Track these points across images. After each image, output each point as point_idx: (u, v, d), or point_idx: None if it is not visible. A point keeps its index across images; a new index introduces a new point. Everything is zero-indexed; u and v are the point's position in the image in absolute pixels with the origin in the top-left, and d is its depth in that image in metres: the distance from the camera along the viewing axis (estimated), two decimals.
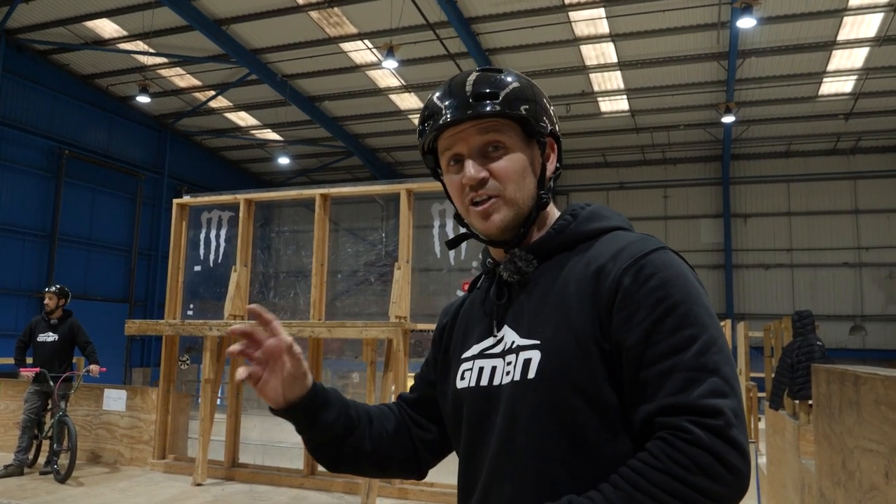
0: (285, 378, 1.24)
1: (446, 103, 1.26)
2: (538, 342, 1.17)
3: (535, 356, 1.16)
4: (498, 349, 1.25)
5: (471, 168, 1.25)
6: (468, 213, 1.28)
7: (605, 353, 1.12)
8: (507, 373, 1.20)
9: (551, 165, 1.31)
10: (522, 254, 1.26)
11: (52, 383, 7.68)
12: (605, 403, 1.11)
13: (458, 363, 1.34)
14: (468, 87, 1.26)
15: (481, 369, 1.26)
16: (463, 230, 1.36)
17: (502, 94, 1.25)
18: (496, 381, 1.22)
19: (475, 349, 1.30)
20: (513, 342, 1.22)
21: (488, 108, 1.23)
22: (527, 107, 1.26)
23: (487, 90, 1.25)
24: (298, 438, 1.38)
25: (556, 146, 1.32)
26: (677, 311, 1.09)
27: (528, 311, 1.22)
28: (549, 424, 1.13)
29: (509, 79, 1.28)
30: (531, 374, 1.15)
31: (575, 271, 1.20)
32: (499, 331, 1.26)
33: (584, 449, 1.11)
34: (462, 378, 1.30)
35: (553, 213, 1.33)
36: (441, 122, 1.26)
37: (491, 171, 1.24)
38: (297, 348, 1.25)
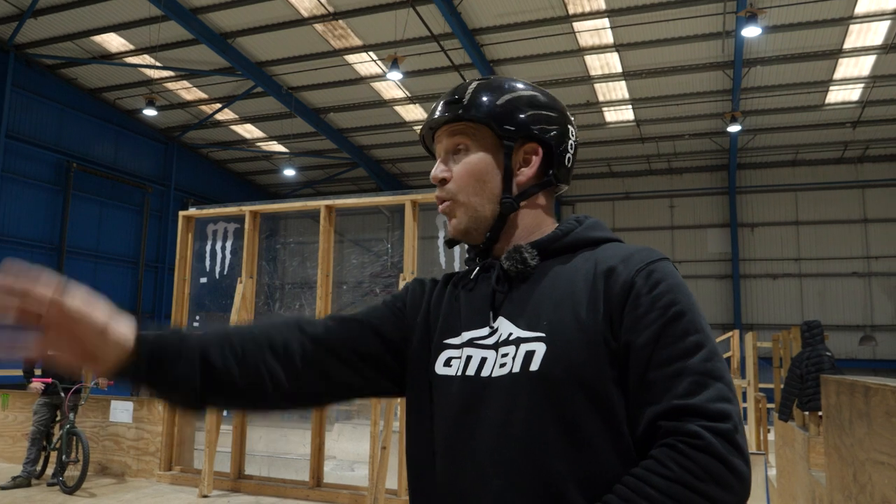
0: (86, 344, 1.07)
1: (433, 107, 1.35)
2: (543, 334, 1.15)
3: (540, 348, 1.14)
4: (490, 340, 1.21)
5: (436, 167, 1.32)
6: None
7: (612, 353, 1.12)
8: (502, 365, 1.16)
9: (529, 170, 1.29)
10: (527, 247, 1.25)
11: (62, 395, 7.70)
12: (609, 402, 1.10)
13: (439, 347, 1.28)
14: (448, 93, 1.34)
15: (469, 358, 1.22)
16: None
17: (466, 98, 1.30)
18: (484, 373, 1.18)
19: (463, 336, 1.25)
20: (510, 334, 1.19)
21: (448, 113, 1.30)
22: (494, 111, 1.28)
23: (456, 96, 1.31)
24: (304, 450, 1.33)
25: (541, 152, 1.30)
26: (685, 317, 1.11)
27: (530, 304, 1.20)
28: (550, 418, 1.11)
29: (490, 86, 1.32)
30: (533, 367, 1.13)
31: (582, 270, 1.20)
32: (494, 321, 1.23)
33: (585, 446, 1.09)
34: (447, 365, 1.25)
35: (548, 222, 1.33)
36: (426, 122, 1.36)
37: (450, 172, 1.31)
38: (72, 306, 1.05)
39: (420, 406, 1.28)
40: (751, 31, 13.83)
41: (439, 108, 1.33)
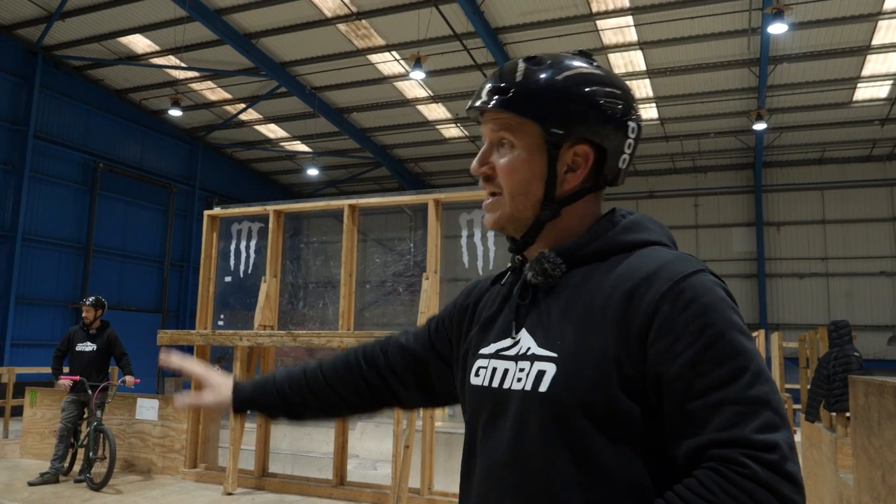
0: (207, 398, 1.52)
1: (482, 87, 1.24)
2: (555, 355, 1.11)
3: (550, 369, 1.10)
4: (512, 352, 1.20)
5: (477, 160, 1.25)
6: None
7: (625, 379, 1.05)
8: (519, 379, 1.15)
9: (575, 177, 1.21)
10: (552, 256, 1.19)
11: (90, 392, 7.81)
12: (621, 429, 1.05)
13: (474, 357, 1.28)
14: (495, 75, 1.23)
15: (494, 370, 1.21)
16: None
17: (514, 89, 1.19)
18: (505, 385, 1.17)
19: (492, 348, 1.25)
20: (528, 348, 1.16)
21: (492, 104, 1.20)
22: (543, 107, 1.18)
23: (503, 83, 1.20)
24: (328, 448, 1.48)
25: (592, 156, 1.21)
26: (722, 340, 1.02)
27: (550, 319, 1.16)
28: (556, 441, 1.08)
29: (541, 73, 1.19)
30: (543, 388, 1.10)
31: (605, 286, 1.12)
32: (517, 333, 1.21)
33: (591, 470, 1.05)
34: (477, 375, 1.25)
35: (591, 216, 1.25)
36: (468, 107, 1.26)
37: (492, 167, 1.23)
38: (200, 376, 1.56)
39: (464, 414, 1.32)
40: (777, 28, 13.64)
41: (484, 91, 1.22)
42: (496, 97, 1.19)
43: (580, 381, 1.07)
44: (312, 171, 24.86)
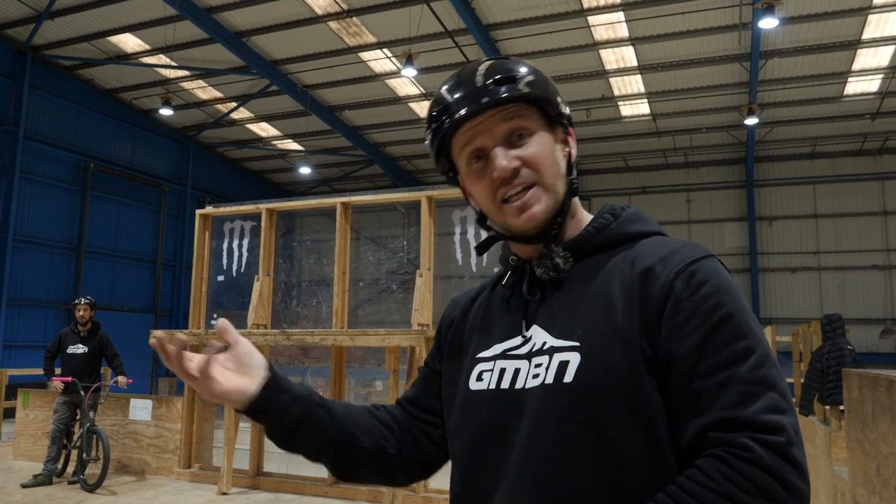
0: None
1: (458, 96, 1.18)
2: (577, 343, 1.08)
3: (574, 358, 1.06)
4: (524, 350, 1.15)
5: (501, 158, 1.16)
6: (501, 212, 1.18)
7: (649, 360, 1.03)
8: (535, 375, 1.10)
9: (573, 150, 1.25)
10: (560, 250, 1.18)
11: (82, 393, 7.78)
12: (649, 414, 1.02)
13: (473, 362, 1.22)
14: (480, 75, 1.18)
15: (503, 370, 1.15)
16: (488, 233, 1.27)
17: (521, 77, 1.17)
18: (518, 385, 1.12)
19: (496, 349, 1.19)
20: (544, 343, 1.12)
21: (507, 94, 1.15)
22: (545, 90, 1.20)
23: (502, 75, 1.17)
24: None
25: (572, 132, 1.27)
26: (732, 321, 1.03)
27: (564, 310, 1.13)
28: (583, 433, 1.03)
29: (521, 66, 1.21)
30: (568, 378, 1.05)
31: (618, 270, 1.12)
32: (527, 330, 1.16)
33: (622, 461, 1.01)
34: (479, 379, 1.18)
35: (582, 211, 1.26)
36: (458, 115, 1.16)
37: (522, 158, 1.16)
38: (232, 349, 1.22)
39: (452, 426, 1.24)
40: (768, 23, 13.67)
41: (486, 89, 1.16)
42: (504, 87, 1.16)
43: (608, 367, 1.04)
44: (305, 170, 24.79)
